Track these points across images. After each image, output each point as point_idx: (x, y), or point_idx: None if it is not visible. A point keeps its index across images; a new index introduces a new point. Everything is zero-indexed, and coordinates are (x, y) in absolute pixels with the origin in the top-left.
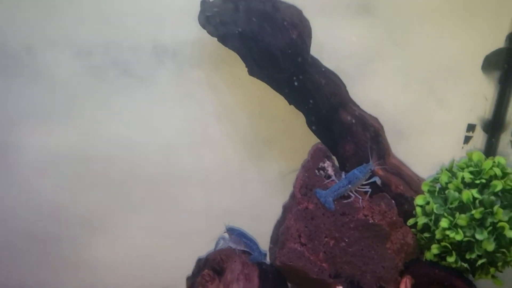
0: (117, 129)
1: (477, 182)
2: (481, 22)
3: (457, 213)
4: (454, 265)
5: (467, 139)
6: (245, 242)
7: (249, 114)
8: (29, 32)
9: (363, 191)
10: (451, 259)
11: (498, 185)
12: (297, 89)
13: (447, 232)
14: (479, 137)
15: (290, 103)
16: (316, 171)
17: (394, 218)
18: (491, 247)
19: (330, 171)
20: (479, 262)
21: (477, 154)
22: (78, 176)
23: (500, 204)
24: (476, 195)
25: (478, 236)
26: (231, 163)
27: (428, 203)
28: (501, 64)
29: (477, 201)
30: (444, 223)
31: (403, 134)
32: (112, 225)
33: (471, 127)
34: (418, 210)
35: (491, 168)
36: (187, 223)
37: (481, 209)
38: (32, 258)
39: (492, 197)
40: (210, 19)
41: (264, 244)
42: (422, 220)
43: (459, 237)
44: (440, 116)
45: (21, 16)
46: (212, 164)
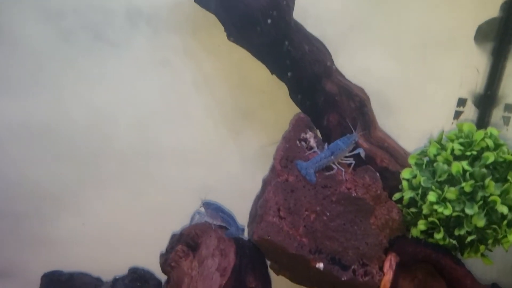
0: (87, 99)
1: (468, 154)
2: None
3: (446, 187)
4: (442, 242)
5: (457, 114)
6: (222, 217)
7: (228, 85)
8: None
9: (346, 163)
10: (438, 236)
11: (490, 157)
12: (279, 55)
13: (435, 206)
14: (470, 112)
15: (272, 73)
16: (298, 142)
17: (379, 191)
18: (481, 223)
19: (312, 142)
20: (469, 239)
21: (468, 125)
22: (45, 149)
23: (492, 177)
24: (467, 167)
25: (468, 211)
26: (209, 136)
27: (415, 176)
28: (494, 34)
29: (467, 174)
30: (432, 197)
31: (390, 108)
32: (81, 201)
33: (461, 102)
34: (405, 184)
35: (482, 139)
36: (161, 200)
37: (472, 182)
38: None
39: (484, 170)
40: None
41: (244, 221)
42: (408, 194)
43: (447, 212)
44: (429, 90)
45: None
46: (189, 138)
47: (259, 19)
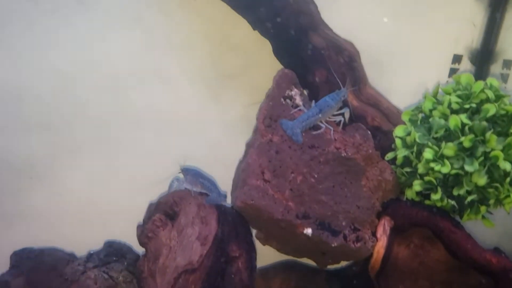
0: (55, 61)
1: (466, 107)
2: None
3: (443, 143)
4: (439, 204)
5: (452, 72)
6: (202, 183)
7: (207, 44)
8: None
9: (335, 121)
10: (436, 197)
11: (491, 109)
12: (259, 5)
13: (432, 164)
14: (466, 69)
15: (254, 28)
16: (282, 99)
17: (370, 151)
18: (482, 181)
19: (298, 100)
20: (468, 199)
21: (466, 77)
22: (11, 116)
23: (493, 131)
24: (466, 121)
25: (467, 168)
26: (187, 101)
27: (409, 133)
28: None
29: (466, 128)
30: (428, 154)
31: (381, 65)
32: (54, 172)
33: (457, 58)
34: (398, 142)
35: (482, 90)
36: (139, 168)
37: (471, 136)
38: None
39: (484, 123)
40: None
41: (227, 191)
42: (402, 153)
43: (445, 170)
44: (423, 46)
45: None
46: (165, 102)
47: None
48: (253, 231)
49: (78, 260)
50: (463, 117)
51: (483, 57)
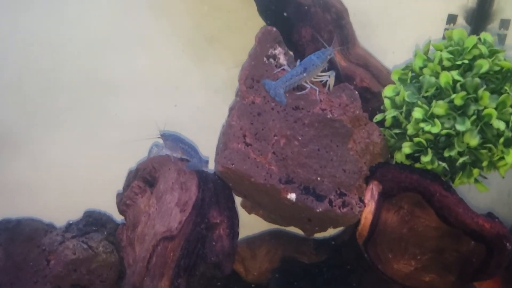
0: (29, 25)
1: (459, 63)
2: None
3: (434, 102)
4: (429, 167)
5: None
6: (182, 148)
7: (189, 4)
8: None
9: (321, 81)
10: (426, 159)
11: (484, 65)
12: None
13: (422, 124)
14: None
15: None
16: (265, 59)
17: (357, 112)
18: (474, 141)
19: (282, 59)
20: (460, 160)
21: (458, 32)
22: None
23: (486, 88)
24: (457, 77)
25: (459, 127)
26: (168, 65)
27: (398, 93)
28: None
29: (458, 85)
30: (417, 113)
31: (372, 25)
32: (30, 141)
33: (451, 18)
34: (387, 102)
35: (475, 46)
36: (118, 136)
37: (463, 93)
38: None
39: (477, 79)
40: None
41: (211, 158)
42: (391, 114)
43: (436, 130)
44: (415, 5)
45: None
46: (146, 67)
47: None
48: (239, 199)
49: (57, 230)
50: (455, 74)
51: (479, 16)
